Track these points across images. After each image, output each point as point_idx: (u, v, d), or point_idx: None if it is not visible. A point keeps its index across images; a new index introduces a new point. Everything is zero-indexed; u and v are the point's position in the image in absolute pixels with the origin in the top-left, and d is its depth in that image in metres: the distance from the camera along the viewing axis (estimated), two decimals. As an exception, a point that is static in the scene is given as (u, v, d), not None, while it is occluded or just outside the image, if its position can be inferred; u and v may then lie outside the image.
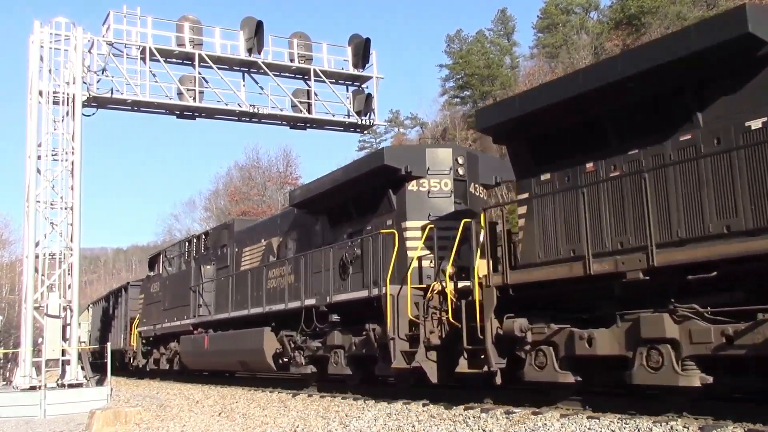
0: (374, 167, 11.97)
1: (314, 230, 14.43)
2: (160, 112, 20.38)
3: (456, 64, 60.59)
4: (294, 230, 15.38)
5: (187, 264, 20.97)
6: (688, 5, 40.16)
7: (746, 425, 6.60)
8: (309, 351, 13.89)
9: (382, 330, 11.28)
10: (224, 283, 17.87)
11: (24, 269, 19.18)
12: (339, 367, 12.98)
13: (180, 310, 20.28)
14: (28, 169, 18.31)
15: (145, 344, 24.46)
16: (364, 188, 12.52)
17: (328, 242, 13.63)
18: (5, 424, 15.17)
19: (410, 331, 10.86)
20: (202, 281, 19.07)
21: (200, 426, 12.63)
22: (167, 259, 22.82)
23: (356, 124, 21.91)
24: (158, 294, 22.87)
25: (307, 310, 13.65)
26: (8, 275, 60.26)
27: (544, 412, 8.48)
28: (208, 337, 17.90)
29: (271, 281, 15.47)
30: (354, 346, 12.47)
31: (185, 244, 21.97)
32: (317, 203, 14.00)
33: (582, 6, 55.23)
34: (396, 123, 67.68)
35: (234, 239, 18.20)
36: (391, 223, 11.89)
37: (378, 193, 12.28)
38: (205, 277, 19.04)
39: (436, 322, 10.38)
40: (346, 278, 12.65)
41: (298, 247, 15.04)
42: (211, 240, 19.69)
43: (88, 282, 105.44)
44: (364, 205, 12.75)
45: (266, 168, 57.65)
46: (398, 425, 9.60)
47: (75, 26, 18.84)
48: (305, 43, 21.40)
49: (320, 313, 13.24)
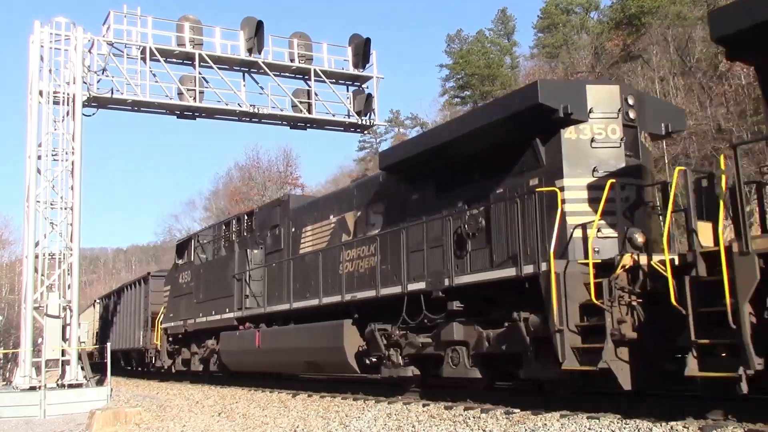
0: (518, 109, 9.50)
1: (410, 200, 11.93)
2: (160, 112, 20.37)
3: (456, 64, 60.67)
4: (380, 201, 12.84)
5: (228, 249, 18.42)
6: (688, 5, 40.18)
7: (746, 425, 6.60)
8: (412, 348, 11.34)
9: (541, 320, 8.77)
10: (279, 270, 15.46)
11: (24, 269, 19.16)
12: (460, 368, 10.30)
13: (219, 303, 17.80)
14: (28, 169, 18.30)
15: (171, 342, 21.76)
16: (496, 140, 10.06)
17: (431, 213, 11.18)
18: (5, 424, 15.16)
19: (582, 321, 8.40)
20: (249, 268, 16.62)
21: (200, 426, 12.62)
22: (200, 244, 20.26)
23: (356, 124, 21.89)
24: (189, 285, 20.18)
25: (411, 297, 11.15)
26: (8, 275, 60.26)
27: (544, 412, 8.49)
28: (260, 333, 15.61)
29: (347, 264, 13.08)
30: (486, 342, 9.82)
31: (223, 227, 19.47)
32: (419, 165, 11.47)
33: (582, 6, 55.27)
34: (396, 123, 67.74)
35: (290, 218, 15.73)
36: (537, 183, 9.54)
37: (517, 145, 9.84)
38: (253, 263, 16.60)
39: (626, 308, 7.97)
40: (463, 256, 10.30)
41: (386, 220, 12.49)
42: (258, 220, 17.16)
43: (88, 282, 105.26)
44: (492, 163, 10.24)
45: (266, 168, 57.72)
46: (398, 425, 9.60)
47: (75, 26, 18.83)
48: (305, 43, 21.38)
49: (432, 300, 10.73)
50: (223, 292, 17.67)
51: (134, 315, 26.60)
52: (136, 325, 25.96)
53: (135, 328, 26.14)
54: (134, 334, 26.10)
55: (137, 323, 25.92)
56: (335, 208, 14.25)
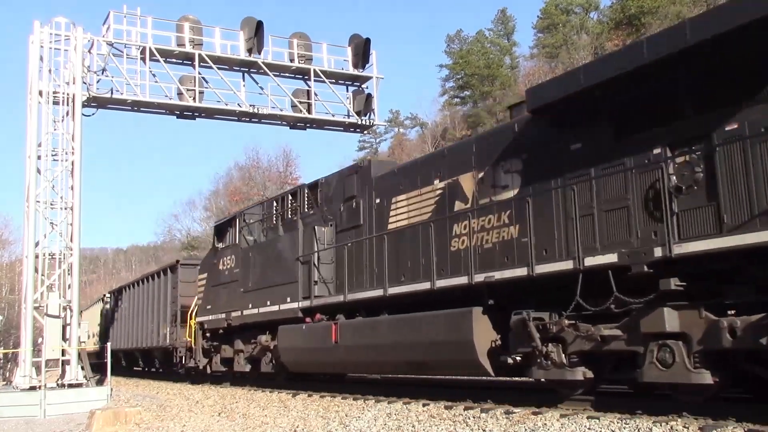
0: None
1: (569, 150, 9.16)
2: (160, 112, 20.38)
3: (456, 64, 60.72)
4: (515, 156, 10.09)
5: (287, 227, 15.56)
6: (688, 5, 40.21)
7: (746, 425, 6.60)
8: (587, 343, 8.65)
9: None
10: (358, 249, 13.01)
11: (24, 269, 19.16)
12: (676, 369, 7.58)
13: (277, 291, 15.07)
14: (28, 169, 18.30)
15: (209, 339, 19.01)
16: (728, 57, 7.46)
17: (604, 164, 8.63)
18: (5, 424, 15.16)
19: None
20: (317, 249, 13.89)
21: (200, 426, 12.63)
22: (247, 224, 17.32)
23: (356, 124, 21.90)
24: (234, 271, 17.34)
25: (592, 275, 8.45)
26: (8, 275, 60.26)
27: (544, 412, 8.49)
28: (338, 326, 12.88)
29: (464, 239, 10.60)
30: (728, 334, 7.14)
31: (274, 204, 16.56)
32: (587, 103, 8.79)
33: (582, 6, 55.29)
34: (396, 123, 67.79)
35: (372, 187, 13.11)
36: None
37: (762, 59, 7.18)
38: (322, 243, 13.93)
39: None
40: (667, 217, 7.69)
41: (527, 179, 9.81)
42: (325, 193, 14.46)
43: (88, 282, 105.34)
44: (719, 90, 7.60)
45: (266, 168, 57.77)
46: (398, 425, 9.60)
47: (75, 26, 18.84)
48: (305, 43, 21.40)
49: (627, 278, 8.09)
50: (281, 278, 14.92)
51: (157, 309, 23.95)
52: (161, 321, 23.32)
53: (158, 324, 23.49)
54: (157, 331, 23.52)
55: (161, 318, 23.28)
56: (442, 170, 11.52)
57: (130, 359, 30.40)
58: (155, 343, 23.87)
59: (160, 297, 23.82)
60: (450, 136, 54.30)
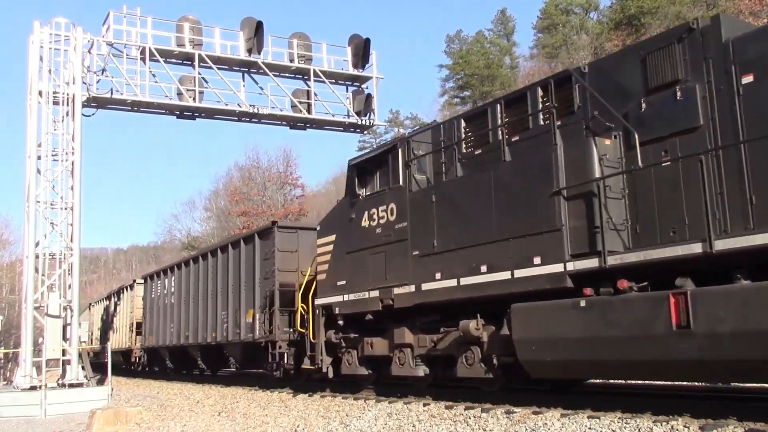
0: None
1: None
2: (160, 113, 20.39)
3: (456, 64, 60.71)
4: None
5: (520, 147, 9.89)
6: (688, 5, 40.18)
7: (746, 425, 6.61)
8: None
9: None
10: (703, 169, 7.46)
11: (24, 269, 19.18)
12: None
13: (504, 249, 9.54)
14: (28, 169, 18.31)
15: (338, 330, 13.15)
16: None
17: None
18: (6, 423, 15.17)
19: None
20: (602, 173, 8.48)
21: (201, 426, 12.63)
22: (416, 157, 11.62)
23: (356, 124, 21.91)
24: (396, 227, 11.58)
25: None
26: (8, 275, 60.31)
27: (545, 412, 8.50)
28: (690, 297, 7.20)
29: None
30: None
31: (494, 113, 10.49)
32: None
33: (582, 6, 55.30)
34: (396, 123, 67.74)
35: (727, 59, 7.67)
36: None
37: None
38: (613, 163, 8.60)
39: None
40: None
41: None
42: (603, 82, 8.97)
43: (88, 282, 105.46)
44: None
45: (266, 168, 57.65)
46: (399, 425, 9.60)
47: (75, 26, 18.85)
48: (305, 44, 21.41)
49: None
50: (513, 228, 9.45)
51: (233, 292, 18.40)
52: (240, 306, 17.86)
53: (234, 311, 18.19)
54: (233, 320, 18.17)
55: (241, 303, 17.80)
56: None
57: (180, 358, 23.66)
58: (230, 337, 18.23)
59: (238, 275, 18.26)
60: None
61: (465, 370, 10.39)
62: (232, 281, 18.63)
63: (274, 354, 15.79)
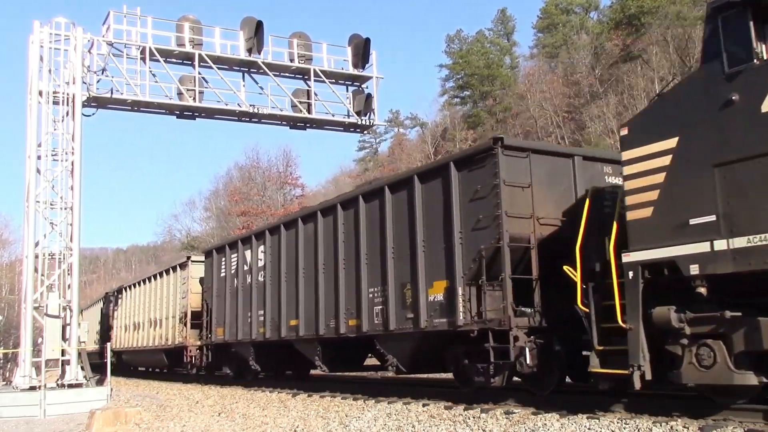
0: None
1: None
2: (160, 112, 20.36)
3: (456, 64, 60.74)
4: None
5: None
6: (688, 5, 40.16)
7: (746, 425, 6.61)
8: None
9: None
10: None
11: (24, 269, 19.15)
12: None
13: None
14: (28, 169, 18.29)
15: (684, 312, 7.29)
16: None
17: None
18: (5, 424, 15.16)
19: None
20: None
21: (200, 426, 12.63)
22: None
23: (356, 124, 21.88)
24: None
25: None
26: (8, 275, 60.26)
27: (544, 413, 8.49)
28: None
29: None
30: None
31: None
32: None
33: (582, 6, 55.34)
34: (396, 123, 67.81)
35: None
36: None
37: None
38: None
39: None
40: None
41: None
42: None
43: (88, 282, 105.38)
44: None
45: (266, 168, 57.72)
46: (398, 425, 9.60)
47: (75, 26, 18.82)
48: (305, 43, 21.38)
49: None
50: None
51: (395, 257, 12.13)
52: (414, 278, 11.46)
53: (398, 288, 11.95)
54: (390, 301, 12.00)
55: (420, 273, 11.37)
56: None
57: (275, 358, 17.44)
58: (394, 325, 11.93)
59: (407, 231, 11.96)
60: (450, 136, 54.30)
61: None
62: (396, 240, 12.21)
63: (498, 349, 9.66)
